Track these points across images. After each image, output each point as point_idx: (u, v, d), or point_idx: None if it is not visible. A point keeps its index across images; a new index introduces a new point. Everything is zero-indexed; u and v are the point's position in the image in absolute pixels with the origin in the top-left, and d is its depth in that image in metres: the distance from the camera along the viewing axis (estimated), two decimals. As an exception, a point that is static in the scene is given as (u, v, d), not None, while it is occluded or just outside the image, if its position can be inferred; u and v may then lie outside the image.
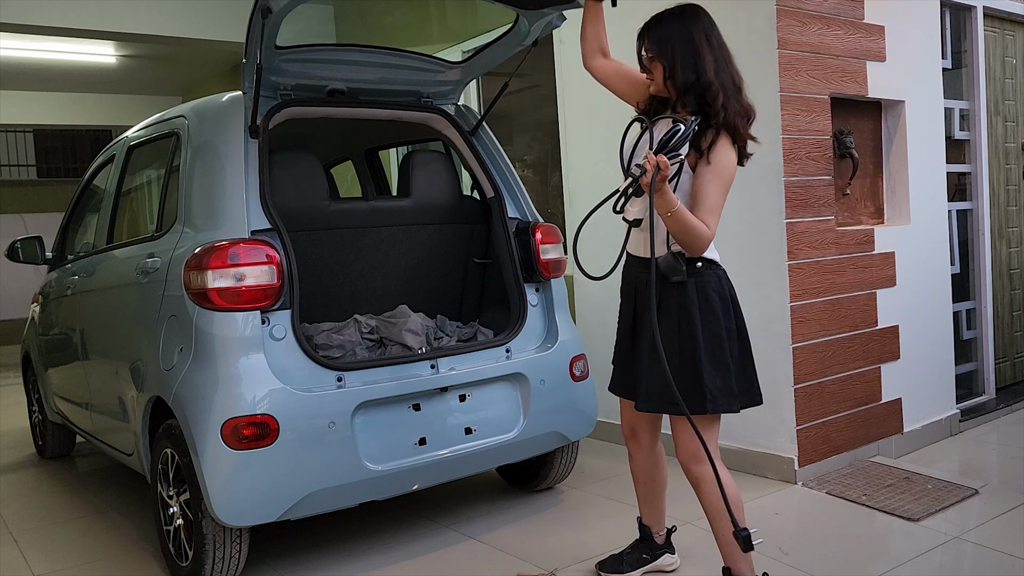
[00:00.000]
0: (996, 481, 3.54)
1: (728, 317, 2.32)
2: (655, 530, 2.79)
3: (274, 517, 2.70)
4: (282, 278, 2.75)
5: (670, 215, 2.18)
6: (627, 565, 2.78)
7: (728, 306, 2.34)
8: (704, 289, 2.30)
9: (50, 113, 10.25)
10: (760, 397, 2.40)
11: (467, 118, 3.60)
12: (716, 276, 2.34)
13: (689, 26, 2.28)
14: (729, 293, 2.36)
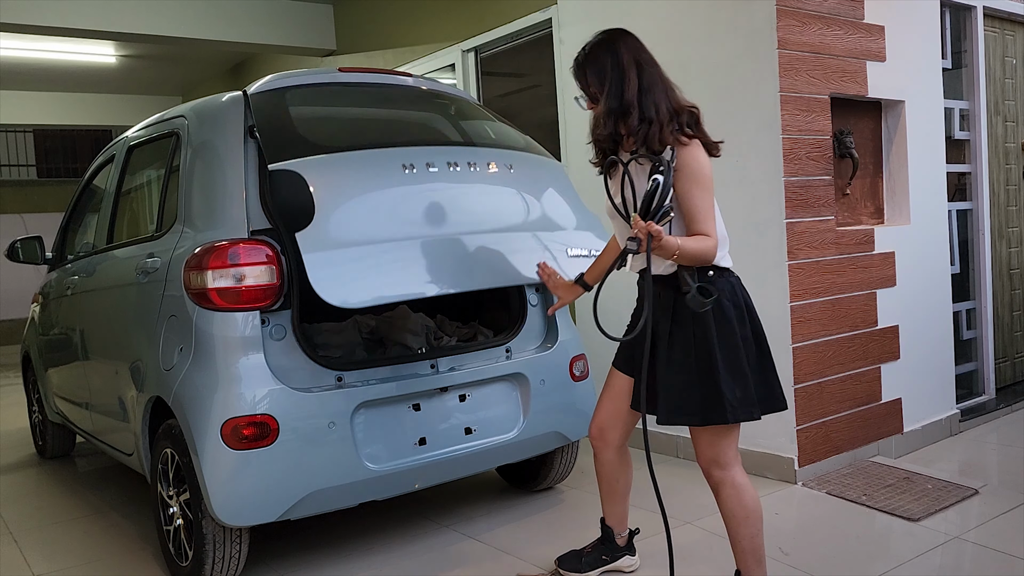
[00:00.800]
0: (996, 481, 3.54)
1: (744, 325, 2.30)
2: (617, 531, 2.79)
3: (274, 517, 2.70)
4: (282, 278, 2.75)
5: (676, 256, 2.18)
6: (585, 565, 2.78)
7: (743, 314, 2.31)
8: (718, 299, 2.26)
9: (50, 113, 10.27)
10: (783, 402, 2.36)
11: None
12: (729, 284, 2.32)
13: (615, 55, 2.33)
14: (744, 300, 2.33)
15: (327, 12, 7.14)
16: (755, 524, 2.33)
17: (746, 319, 2.31)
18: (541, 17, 4.92)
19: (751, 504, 2.32)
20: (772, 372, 2.35)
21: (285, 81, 3.12)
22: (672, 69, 3.88)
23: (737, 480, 2.32)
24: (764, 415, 2.31)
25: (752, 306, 2.36)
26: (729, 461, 2.32)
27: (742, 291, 2.35)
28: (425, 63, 6.02)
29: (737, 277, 2.36)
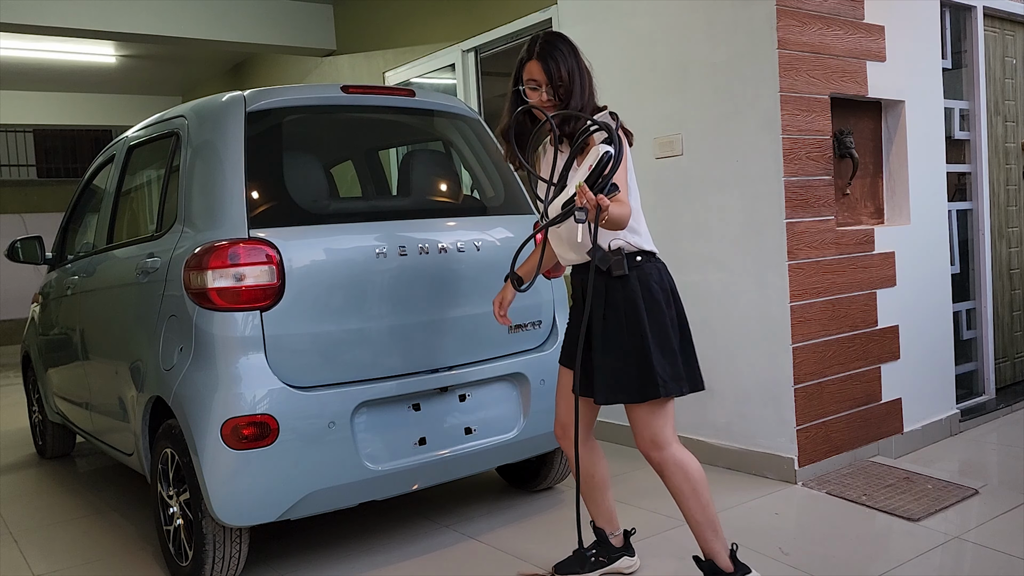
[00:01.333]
0: (996, 481, 3.54)
1: (670, 307, 2.41)
2: (609, 531, 2.77)
3: (274, 517, 2.71)
4: (282, 278, 2.75)
5: (604, 220, 2.15)
6: (585, 567, 2.75)
7: (669, 297, 2.42)
8: (647, 281, 2.38)
9: (50, 113, 10.27)
10: (702, 383, 2.46)
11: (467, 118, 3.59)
12: (656, 268, 2.42)
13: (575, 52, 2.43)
14: (669, 284, 2.44)
15: (327, 12, 7.14)
16: (703, 495, 2.40)
17: (671, 302, 2.42)
18: (541, 17, 4.92)
19: (696, 476, 2.39)
20: (692, 354, 2.45)
21: (285, 100, 3.08)
22: (672, 69, 3.91)
23: (678, 456, 2.40)
24: (689, 393, 2.40)
25: (676, 291, 2.46)
26: (667, 440, 2.39)
27: (668, 276, 2.45)
28: (425, 63, 6.02)
29: (663, 263, 2.46)
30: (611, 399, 2.42)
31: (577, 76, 2.41)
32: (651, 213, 4.06)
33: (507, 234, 3.31)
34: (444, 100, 3.56)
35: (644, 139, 4.07)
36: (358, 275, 2.89)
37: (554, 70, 2.41)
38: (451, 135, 3.62)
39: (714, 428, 3.89)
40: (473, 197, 3.65)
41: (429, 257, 3.03)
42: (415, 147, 4.12)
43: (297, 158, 3.13)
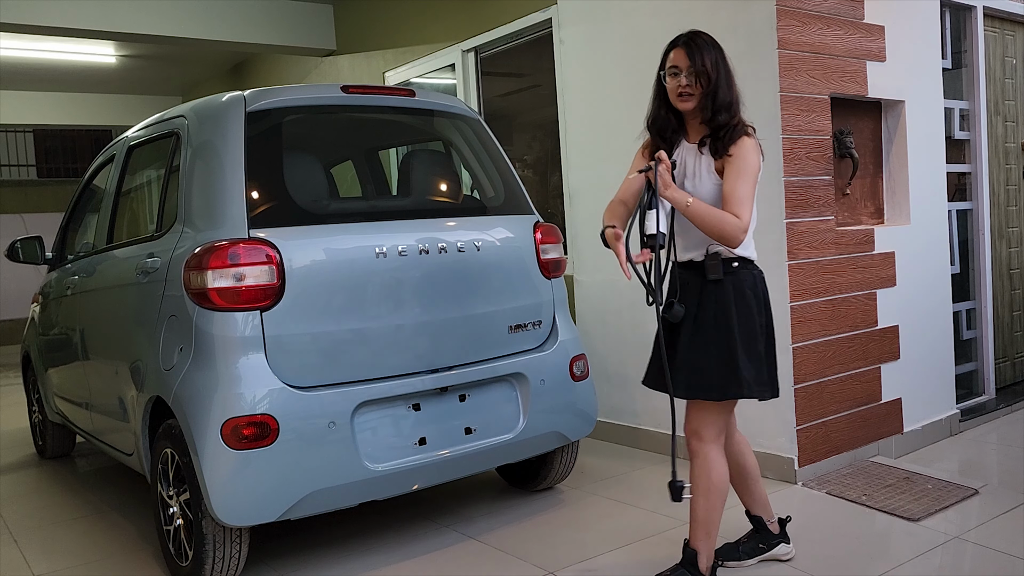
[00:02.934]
0: (996, 481, 3.54)
1: (760, 315, 2.50)
2: (766, 518, 2.81)
3: (274, 517, 2.71)
4: (282, 278, 2.75)
5: (688, 207, 2.36)
6: (743, 553, 2.79)
7: (761, 304, 2.51)
8: (740, 287, 2.47)
9: (50, 113, 10.27)
10: (778, 390, 2.56)
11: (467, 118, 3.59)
12: (752, 276, 2.51)
13: (722, 52, 2.49)
14: (763, 292, 2.53)
15: (327, 12, 7.14)
16: (714, 500, 2.50)
17: (763, 310, 2.51)
18: (541, 17, 4.92)
19: (716, 480, 2.49)
20: (774, 362, 2.56)
21: (285, 100, 3.08)
22: (672, 69, 3.90)
23: (711, 455, 2.49)
24: (770, 399, 2.52)
25: (768, 300, 2.55)
26: (711, 437, 2.50)
27: (763, 284, 2.54)
28: (425, 63, 6.01)
29: (760, 271, 2.55)
30: (691, 395, 2.49)
31: (723, 70, 2.45)
32: (651, 213, 4.07)
33: (507, 234, 3.31)
34: (444, 100, 3.56)
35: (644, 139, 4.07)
36: (358, 275, 2.89)
37: (697, 57, 2.43)
38: (451, 135, 3.62)
39: (714, 428, 3.89)
40: (473, 197, 3.65)
41: (429, 257, 3.03)
42: (415, 147, 4.13)
43: (297, 158, 3.13)
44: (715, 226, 2.36)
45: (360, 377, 2.87)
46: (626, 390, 4.28)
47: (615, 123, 4.26)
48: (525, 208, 3.47)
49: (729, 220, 2.35)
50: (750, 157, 2.41)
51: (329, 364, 2.82)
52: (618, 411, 4.36)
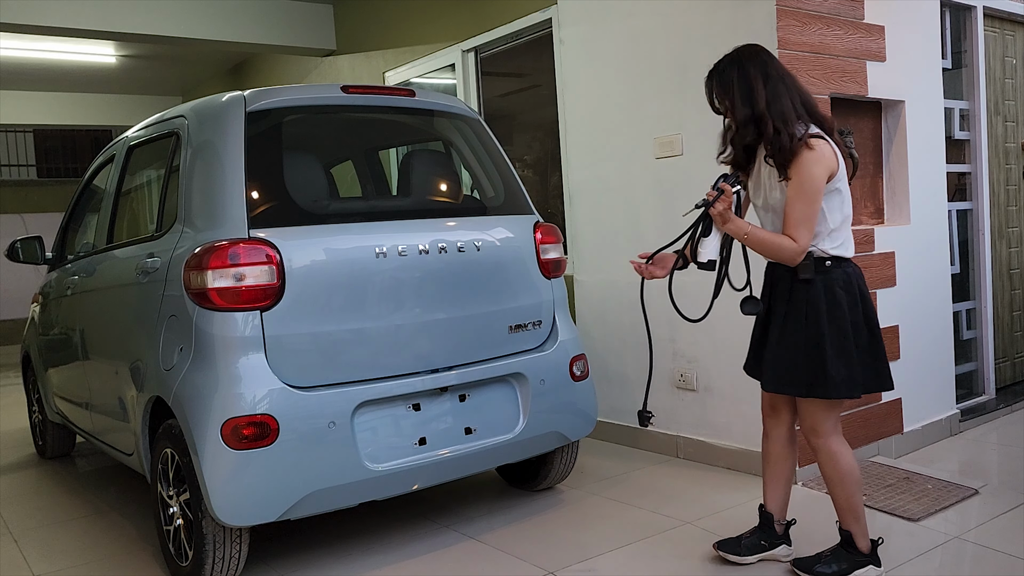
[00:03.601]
0: (996, 481, 3.54)
1: (855, 311, 2.54)
2: (777, 519, 2.85)
3: (274, 517, 2.71)
4: (282, 278, 2.75)
5: (746, 237, 2.52)
6: (744, 548, 2.83)
7: (856, 301, 2.54)
8: (831, 286, 2.52)
9: (50, 113, 10.26)
10: (889, 383, 2.60)
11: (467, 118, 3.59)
12: (845, 273, 2.55)
13: (739, 67, 2.53)
14: (858, 288, 2.56)
15: (327, 12, 7.14)
16: (850, 487, 2.59)
17: (858, 306, 2.54)
18: (541, 17, 4.92)
19: (845, 469, 2.58)
20: (881, 357, 2.59)
21: (285, 100, 3.08)
22: (672, 69, 3.91)
23: (832, 448, 2.59)
24: (869, 393, 2.58)
25: (867, 295, 2.58)
26: (827, 431, 2.59)
27: (858, 280, 2.57)
28: (425, 63, 6.01)
29: (856, 267, 2.59)
30: (779, 389, 2.62)
31: (736, 90, 2.51)
32: (651, 213, 4.07)
33: (507, 234, 3.31)
34: (444, 100, 3.57)
35: (644, 139, 4.07)
36: (358, 275, 2.89)
37: (709, 95, 2.62)
38: (451, 135, 3.62)
39: (714, 428, 3.89)
40: (473, 197, 3.65)
41: (429, 257, 3.03)
42: (415, 147, 4.13)
43: (297, 158, 3.13)
44: (774, 253, 2.52)
45: (360, 377, 2.87)
46: (626, 390, 4.28)
47: (615, 123, 4.26)
48: (525, 208, 3.48)
49: (786, 245, 2.46)
50: (806, 174, 2.43)
51: (329, 364, 2.82)
52: (618, 411, 4.36)
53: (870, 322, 2.56)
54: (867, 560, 2.65)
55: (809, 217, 2.44)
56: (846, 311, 2.51)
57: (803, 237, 2.45)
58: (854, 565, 2.64)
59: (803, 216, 2.44)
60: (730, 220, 2.48)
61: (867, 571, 2.64)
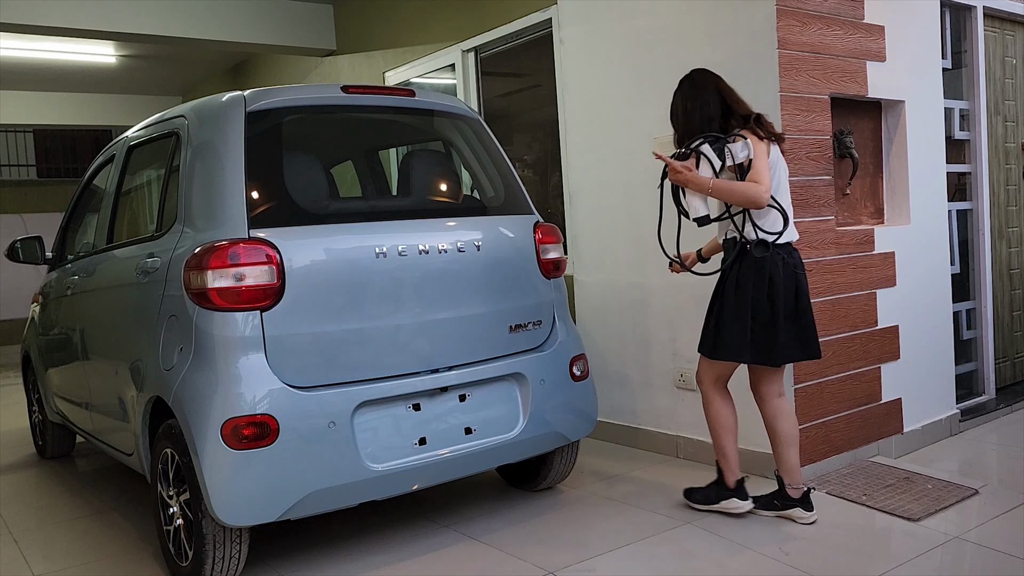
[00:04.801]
0: (996, 481, 3.54)
1: (760, 289, 2.99)
2: (787, 481, 3.16)
3: (274, 517, 2.71)
4: (282, 278, 2.75)
5: (711, 190, 2.96)
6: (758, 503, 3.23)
7: (764, 282, 2.99)
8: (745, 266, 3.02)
9: (50, 113, 10.26)
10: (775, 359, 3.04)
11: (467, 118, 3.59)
12: (762, 259, 2.99)
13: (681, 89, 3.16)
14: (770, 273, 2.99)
15: (327, 12, 7.14)
16: (715, 429, 3.22)
17: (764, 286, 2.98)
18: (541, 17, 4.92)
19: (712, 415, 3.22)
20: (776, 332, 3.00)
21: (285, 100, 3.07)
22: (672, 69, 3.90)
23: (707, 396, 3.22)
24: (754, 363, 3.08)
25: (778, 278, 2.99)
26: (707, 382, 3.20)
27: (773, 266, 2.99)
28: (425, 63, 6.01)
29: (786, 255, 3.03)
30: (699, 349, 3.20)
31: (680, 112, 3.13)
32: (651, 213, 4.07)
33: (507, 234, 3.31)
34: (444, 100, 3.57)
35: (644, 139, 4.07)
36: (358, 275, 2.89)
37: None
38: (451, 135, 3.62)
39: (714, 428, 3.89)
40: (473, 197, 3.65)
41: (429, 257, 3.03)
42: (415, 147, 4.12)
43: (297, 158, 3.13)
44: (738, 196, 2.93)
45: (360, 377, 2.87)
46: (626, 390, 4.28)
47: (615, 123, 4.26)
48: (525, 208, 3.48)
49: (747, 187, 2.92)
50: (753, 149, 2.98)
51: (329, 364, 2.82)
52: (618, 411, 4.36)
53: (773, 301, 2.99)
54: (731, 493, 3.21)
55: (761, 170, 2.93)
56: (750, 287, 2.99)
57: (762, 180, 2.91)
58: (720, 496, 3.23)
59: (758, 168, 2.93)
60: (690, 181, 2.97)
61: (731, 502, 3.21)
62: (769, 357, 3.03)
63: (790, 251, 3.08)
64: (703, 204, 3.01)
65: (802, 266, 3.11)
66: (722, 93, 3.08)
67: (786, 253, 3.05)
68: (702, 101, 3.07)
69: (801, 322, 3.05)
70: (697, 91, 3.10)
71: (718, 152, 2.98)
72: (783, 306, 3.00)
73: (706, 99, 3.07)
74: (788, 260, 3.04)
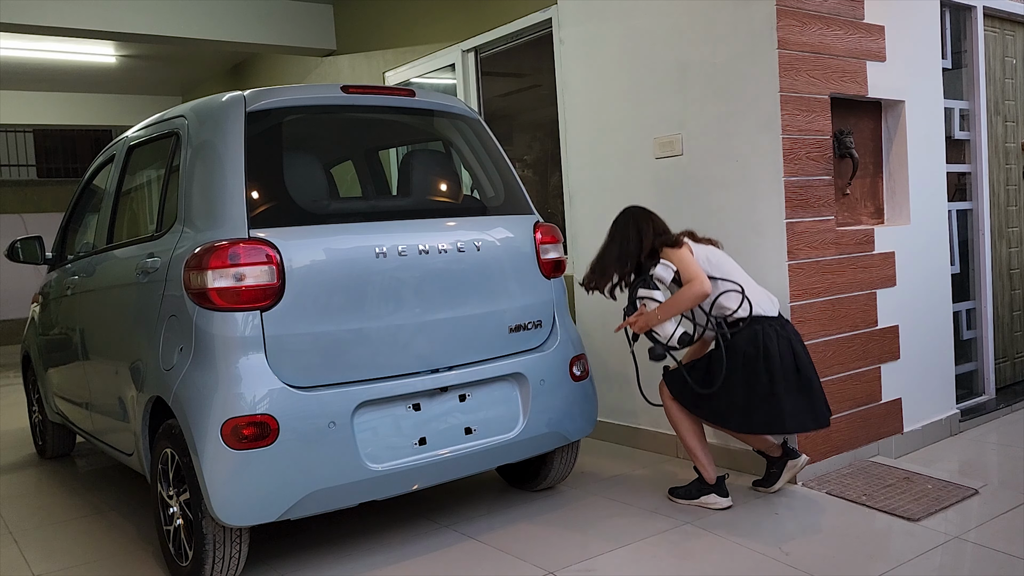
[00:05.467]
0: (996, 481, 3.54)
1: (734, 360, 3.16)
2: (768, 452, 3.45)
3: (274, 517, 2.71)
4: (282, 278, 2.75)
5: (662, 316, 3.19)
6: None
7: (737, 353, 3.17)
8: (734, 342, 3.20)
9: (50, 113, 10.26)
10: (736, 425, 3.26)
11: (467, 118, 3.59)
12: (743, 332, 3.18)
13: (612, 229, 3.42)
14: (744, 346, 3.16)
15: (327, 12, 7.14)
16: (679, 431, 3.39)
17: (738, 357, 3.15)
18: (541, 17, 4.93)
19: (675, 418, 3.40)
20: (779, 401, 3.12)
21: (285, 100, 3.07)
22: (672, 69, 3.91)
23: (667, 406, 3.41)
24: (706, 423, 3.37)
25: (773, 349, 3.13)
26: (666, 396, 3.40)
27: (767, 339, 3.14)
28: (425, 63, 6.02)
29: (778, 327, 3.19)
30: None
31: (606, 256, 3.36)
32: (651, 213, 4.07)
33: (507, 234, 3.31)
34: (444, 100, 3.57)
35: (644, 139, 4.08)
36: (358, 275, 2.89)
37: None
38: (451, 135, 3.62)
39: (714, 429, 3.88)
40: (473, 197, 3.65)
41: (429, 257, 3.03)
42: (415, 147, 4.13)
43: (297, 158, 3.13)
44: (686, 305, 3.15)
45: (360, 377, 2.87)
46: (626, 390, 4.28)
47: (615, 123, 4.26)
48: (525, 208, 3.48)
49: (687, 292, 3.13)
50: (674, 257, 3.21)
51: (329, 364, 2.82)
52: (618, 411, 4.36)
53: (748, 369, 3.14)
54: (711, 489, 3.34)
55: (692, 270, 3.15)
56: (724, 358, 3.16)
57: (692, 275, 3.14)
58: (700, 492, 3.35)
59: (689, 270, 3.16)
60: (648, 322, 3.21)
61: (710, 497, 3.33)
62: (778, 425, 3.17)
63: (782, 323, 3.23)
64: (672, 325, 3.20)
65: (798, 337, 3.25)
66: (639, 227, 3.32)
67: (778, 326, 3.20)
68: (621, 239, 3.33)
69: (806, 393, 3.17)
70: (625, 229, 3.35)
71: (652, 286, 3.23)
72: (782, 376, 3.12)
73: (626, 236, 3.33)
74: (781, 332, 3.18)
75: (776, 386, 3.12)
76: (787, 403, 3.13)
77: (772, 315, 3.23)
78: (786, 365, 3.14)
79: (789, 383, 3.14)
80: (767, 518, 3.21)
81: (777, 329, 3.18)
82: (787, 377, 3.14)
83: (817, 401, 3.20)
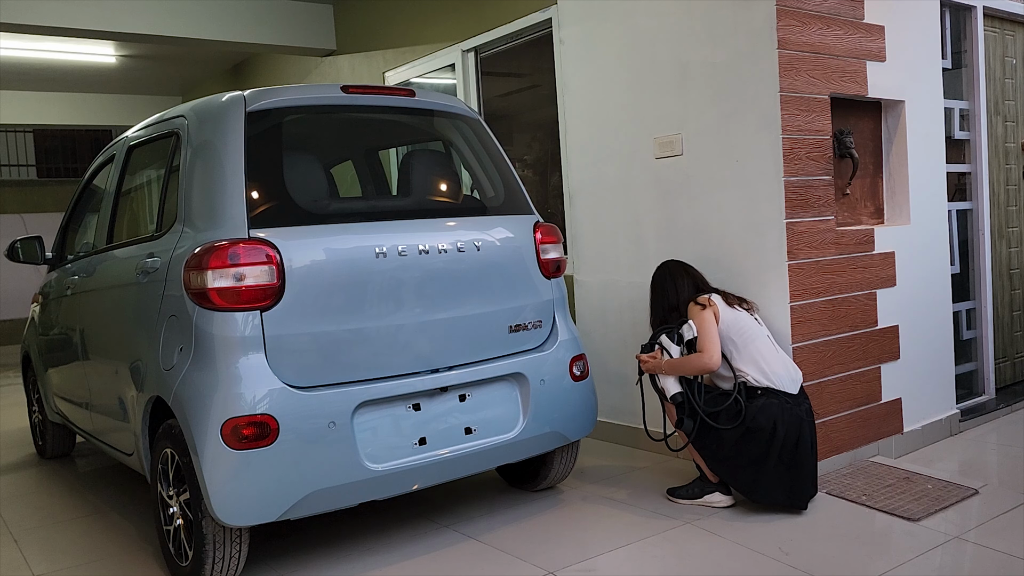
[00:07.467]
0: (996, 481, 3.54)
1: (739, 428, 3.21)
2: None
3: (274, 517, 2.71)
4: (282, 278, 2.75)
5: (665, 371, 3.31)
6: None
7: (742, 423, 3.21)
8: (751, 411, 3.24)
9: (50, 113, 10.27)
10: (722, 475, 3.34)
11: (467, 118, 3.59)
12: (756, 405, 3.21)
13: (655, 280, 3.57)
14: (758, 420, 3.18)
15: (327, 12, 7.14)
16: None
17: (742, 426, 3.20)
18: (541, 17, 4.93)
19: None
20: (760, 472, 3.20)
21: (285, 100, 3.07)
22: (672, 69, 3.91)
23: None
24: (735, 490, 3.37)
25: (781, 426, 3.16)
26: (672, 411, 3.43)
27: (780, 413, 3.18)
28: (425, 63, 6.02)
29: (794, 404, 3.22)
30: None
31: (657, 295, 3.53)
32: (651, 213, 4.07)
33: (507, 234, 3.31)
34: (444, 100, 3.57)
35: (644, 139, 4.08)
36: (358, 275, 2.89)
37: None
38: (451, 135, 3.62)
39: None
40: (473, 197, 3.65)
41: (429, 257, 3.03)
42: (415, 147, 4.13)
43: (297, 158, 3.13)
44: (685, 368, 3.28)
45: (360, 377, 2.87)
46: (626, 390, 4.28)
47: (615, 123, 4.26)
48: (525, 208, 3.48)
49: (693, 361, 3.26)
50: (697, 319, 3.31)
51: (329, 364, 2.82)
52: (618, 411, 4.36)
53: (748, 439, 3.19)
54: (715, 487, 3.37)
55: (709, 338, 3.24)
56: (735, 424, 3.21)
57: (705, 348, 3.23)
58: (704, 491, 3.39)
59: (705, 338, 3.25)
60: (652, 368, 3.34)
61: (713, 496, 3.36)
62: (750, 491, 3.26)
63: (799, 401, 3.25)
64: (674, 383, 3.30)
65: (811, 418, 3.27)
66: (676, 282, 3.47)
67: (794, 404, 3.22)
68: (662, 293, 3.50)
69: (793, 472, 3.19)
70: (662, 282, 3.52)
71: (677, 339, 3.34)
72: (777, 453, 3.16)
73: (664, 291, 3.50)
74: (795, 410, 3.21)
75: (768, 460, 3.17)
76: (769, 476, 3.18)
77: (791, 392, 3.25)
78: (787, 443, 3.17)
79: (782, 459, 3.17)
80: (767, 518, 3.21)
81: (792, 408, 3.21)
82: (782, 455, 3.17)
83: (802, 481, 3.20)
